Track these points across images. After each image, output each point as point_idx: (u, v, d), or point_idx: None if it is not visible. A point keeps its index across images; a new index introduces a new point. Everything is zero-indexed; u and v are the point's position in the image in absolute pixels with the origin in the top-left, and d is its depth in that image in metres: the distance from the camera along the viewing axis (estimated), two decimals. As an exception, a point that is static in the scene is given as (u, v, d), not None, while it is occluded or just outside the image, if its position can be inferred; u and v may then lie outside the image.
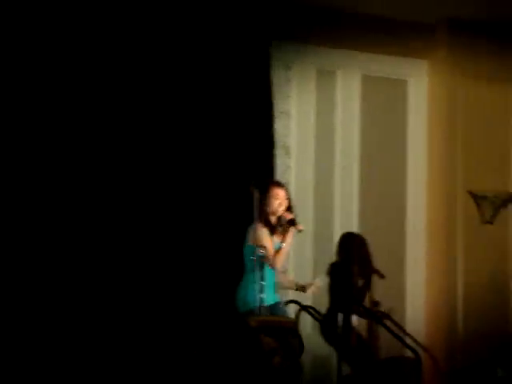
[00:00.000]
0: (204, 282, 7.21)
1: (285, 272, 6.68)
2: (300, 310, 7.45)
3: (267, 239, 6.18)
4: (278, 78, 7.89)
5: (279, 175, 7.92)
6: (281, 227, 6.24)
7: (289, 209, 6.28)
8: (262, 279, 6.03)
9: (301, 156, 8.03)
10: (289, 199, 6.32)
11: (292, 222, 6.21)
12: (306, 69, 8.05)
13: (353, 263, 7.28)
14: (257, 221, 6.21)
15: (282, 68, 7.95)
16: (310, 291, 6.40)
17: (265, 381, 5.61)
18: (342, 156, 8.18)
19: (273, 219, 6.27)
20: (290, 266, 7.68)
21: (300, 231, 6.28)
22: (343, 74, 8.21)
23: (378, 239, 8.11)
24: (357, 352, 7.19)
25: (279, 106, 7.90)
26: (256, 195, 6.28)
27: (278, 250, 6.15)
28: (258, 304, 6.04)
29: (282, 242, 6.20)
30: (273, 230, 6.21)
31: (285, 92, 7.97)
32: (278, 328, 5.83)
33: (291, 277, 7.09)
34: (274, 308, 6.29)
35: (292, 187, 7.95)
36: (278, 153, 7.87)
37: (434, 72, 8.45)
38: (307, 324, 7.55)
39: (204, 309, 7.10)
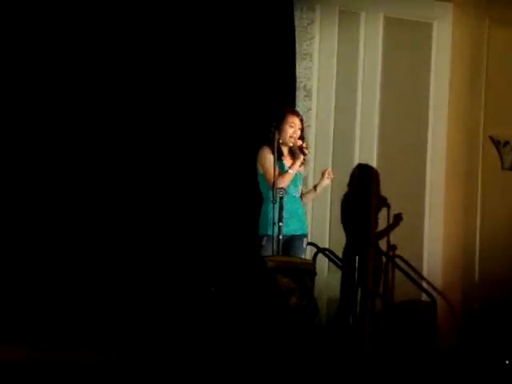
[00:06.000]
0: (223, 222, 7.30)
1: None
2: (317, 253, 7.52)
3: (270, 161, 6.23)
4: (301, 19, 7.84)
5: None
6: (292, 153, 6.33)
7: (301, 138, 6.40)
8: (281, 209, 6.11)
9: (322, 98, 8.01)
10: (302, 129, 6.43)
11: (302, 150, 6.35)
12: (329, 10, 7.98)
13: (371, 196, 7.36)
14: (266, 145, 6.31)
15: (305, 10, 7.89)
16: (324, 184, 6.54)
17: (281, 321, 5.69)
18: (364, 99, 8.15)
19: (285, 146, 6.34)
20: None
21: (305, 155, 6.39)
22: (367, 16, 8.13)
23: (397, 183, 8.13)
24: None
25: (302, 48, 7.86)
26: (276, 137, 6.35)
27: (283, 173, 6.26)
28: (273, 233, 6.09)
29: (289, 167, 6.31)
30: (281, 155, 6.30)
31: (308, 34, 7.92)
32: (295, 269, 5.87)
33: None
34: (293, 240, 6.28)
35: (312, 130, 7.96)
36: (299, 95, 7.87)
37: (459, 15, 8.34)
38: (324, 267, 7.63)
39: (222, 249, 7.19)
